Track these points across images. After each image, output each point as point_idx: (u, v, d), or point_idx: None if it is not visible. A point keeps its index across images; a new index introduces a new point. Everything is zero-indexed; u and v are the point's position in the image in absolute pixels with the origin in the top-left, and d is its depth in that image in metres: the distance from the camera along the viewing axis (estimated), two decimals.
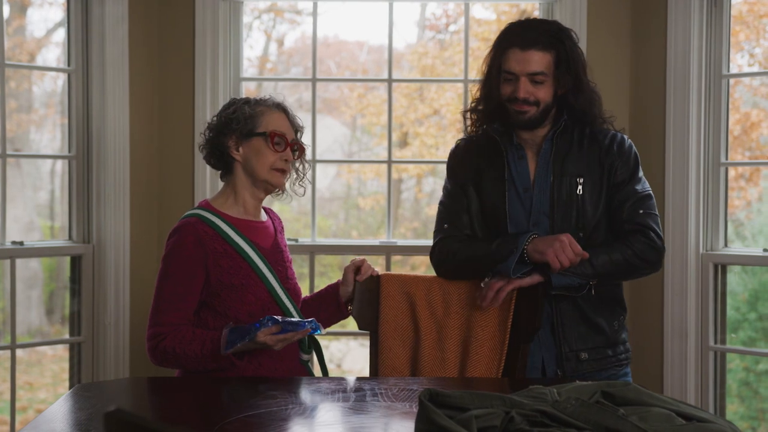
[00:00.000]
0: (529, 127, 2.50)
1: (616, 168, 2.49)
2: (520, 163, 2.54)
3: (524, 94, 2.44)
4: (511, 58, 2.45)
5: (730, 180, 6.79)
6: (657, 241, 2.46)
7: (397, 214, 8.89)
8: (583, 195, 2.48)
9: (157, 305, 2.37)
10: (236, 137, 2.45)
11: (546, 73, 2.44)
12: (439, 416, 1.43)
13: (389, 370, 2.53)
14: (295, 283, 2.56)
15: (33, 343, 4.43)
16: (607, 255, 2.41)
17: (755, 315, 6.22)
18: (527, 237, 2.39)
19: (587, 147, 2.51)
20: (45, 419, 1.84)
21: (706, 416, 1.58)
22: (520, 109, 2.46)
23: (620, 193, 2.48)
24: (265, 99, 2.52)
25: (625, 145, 2.53)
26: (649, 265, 2.47)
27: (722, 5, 3.32)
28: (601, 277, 2.42)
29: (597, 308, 2.50)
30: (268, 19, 8.73)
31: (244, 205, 2.50)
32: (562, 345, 2.48)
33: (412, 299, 2.56)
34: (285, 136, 2.46)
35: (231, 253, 2.40)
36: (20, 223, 7.38)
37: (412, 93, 8.31)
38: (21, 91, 7.58)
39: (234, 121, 2.45)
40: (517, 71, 2.44)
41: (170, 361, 2.35)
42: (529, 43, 2.43)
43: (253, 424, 1.81)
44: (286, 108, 2.52)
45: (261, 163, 2.44)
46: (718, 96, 3.34)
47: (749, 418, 6.24)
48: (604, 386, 1.63)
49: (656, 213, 2.50)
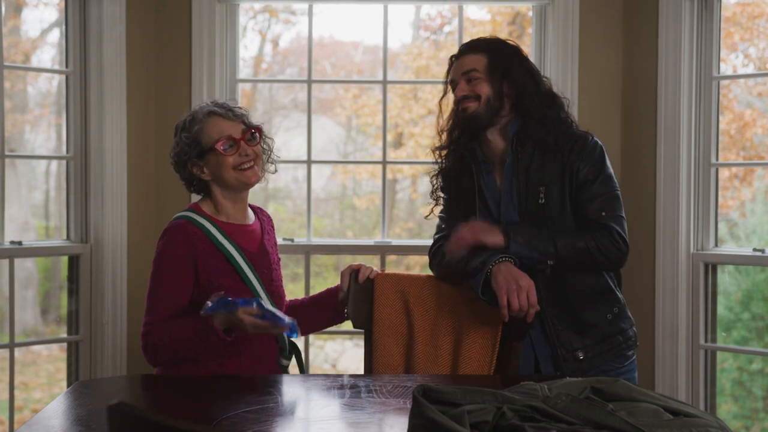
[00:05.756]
0: (478, 125, 2.55)
1: (578, 168, 2.49)
2: (488, 178, 2.59)
3: (461, 92, 2.57)
4: (451, 69, 2.64)
5: (724, 180, 6.85)
6: (620, 242, 2.46)
7: (392, 215, 8.91)
8: (545, 204, 2.49)
9: (150, 305, 2.41)
10: (193, 163, 2.50)
11: (478, 70, 2.55)
12: (433, 411, 1.46)
13: (383, 368, 2.56)
14: (279, 285, 2.58)
15: (31, 341, 4.45)
16: (571, 239, 2.43)
17: (748, 315, 6.26)
18: (496, 258, 2.40)
19: (551, 154, 2.51)
20: (45, 416, 1.86)
21: (694, 412, 1.61)
22: (463, 106, 2.57)
23: (584, 193, 2.49)
24: (197, 112, 2.52)
25: (588, 145, 2.52)
26: (609, 263, 2.47)
27: (713, 8, 3.36)
28: (560, 260, 2.41)
29: (584, 305, 2.52)
30: (263, 20, 8.75)
31: (229, 213, 2.53)
32: (558, 348, 2.50)
33: (406, 298, 2.59)
34: (231, 136, 2.48)
35: (218, 255, 2.44)
36: (16, 223, 7.39)
37: (407, 93, 8.34)
38: (16, 91, 7.59)
39: (182, 153, 2.50)
40: (455, 76, 2.61)
41: (161, 354, 2.37)
42: (462, 52, 2.62)
43: (251, 419, 1.84)
44: (218, 107, 2.51)
45: (224, 170, 2.47)
46: (708, 97, 3.38)
47: (742, 417, 6.27)
48: (594, 382, 1.66)
49: (622, 215, 2.50)
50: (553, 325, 2.51)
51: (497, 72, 2.54)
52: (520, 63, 2.59)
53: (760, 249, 3.30)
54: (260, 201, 2.62)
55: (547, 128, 2.53)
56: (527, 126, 2.53)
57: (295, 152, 8.11)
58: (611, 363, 2.54)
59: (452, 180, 2.65)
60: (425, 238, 2.72)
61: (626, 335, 2.58)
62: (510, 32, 8.11)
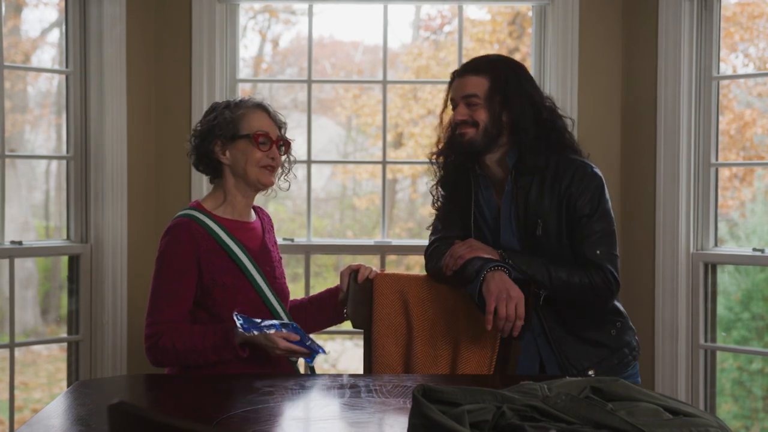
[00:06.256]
0: (473, 151, 2.51)
1: (576, 200, 2.46)
2: (486, 193, 2.58)
3: (459, 116, 2.52)
4: (452, 87, 2.59)
5: (725, 180, 6.86)
6: (612, 282, 2.45)
7: (392, 214, 8.92)
8: (543, 235, 2.48)
9: (154, 304, 2.40)
10: (221, 142, 2.49)
11: (478, 95, 2.50)
12: (433, 411, 1.47)
13: (383, 368, 2.57)
14: (282, 282, 2.59)
15: (31, 341, 4.45)
16: (566, 273, 2.43)
17: (749, 315, 6.27)
18: (492, 265, 2.40)
19: (549, 184, 2.48)
20: (46, 415, 1.86)
21: (694, 411, 1.61)
22: (460, 131, 2.52)
23: (581, 228, 2.46)
24: (245, 100, 2.55)
25: (586, 176, 2.47)
26: (600, 301, 2.47)
27: (713, 8, 3.36)
28: (552, 290, 2.42)
29: (586, 327, 2.52)
30: (263, 20, 8.75)
31: (234, 207, 2.54)
32: (568, 368, 2.50)
33: (405, 298, 2.60)
34: (269, 134, 2.51)
35: (221, 253, 2.44)
36: (16, 223, 7.39)
37: (407, 93, 8.35)
38: (16, 91, 7.59)
39: (217, 127, 2.50)
40: (455, 96, 2.56)
41: (168, 359, 2.37)
42: (465, 70, 2.56)
43: (251, 419, 1.84)
44: (266, 107, 2.56)
45: (249, 163, 2.48)
46: (708, 98, 3.38)
47: (742, 417, 6.28)
48: (593, 382, 1.67)
49: (616, 253, 2.48)
50: (560, 347, 2.51)
51: (496, 98, 2.49)
52: (521, 88, 2.52)
53: (759, 249, 3.30)
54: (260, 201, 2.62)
55: (546, 156, 2.49)
56: (524, 158, 2.49)
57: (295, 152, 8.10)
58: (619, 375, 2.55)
59: (451, 184, 2.63)
60: (425, 238, 2.72)
61: (631, 346, 2.59)
62: (510, 32, 8.11)
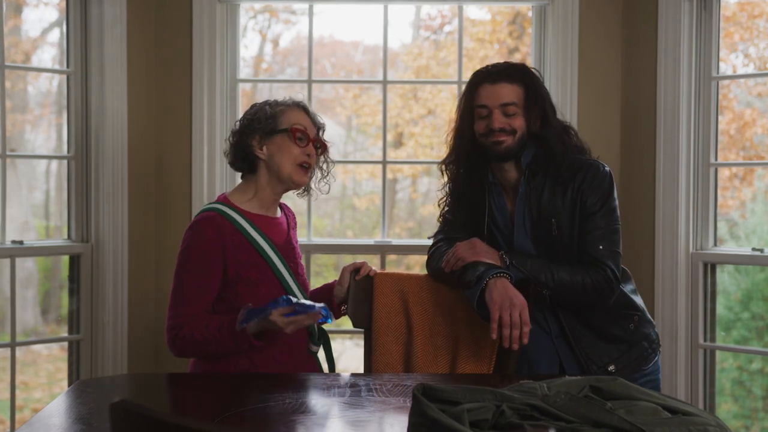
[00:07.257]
0: (507, 158, 2.52)
1: (586, 198, 2.47)
2: (498, 200, 2.58)
3: (499, 124, 2.49)
4: (482, 94, 2.52)
5: (725, 180, 6.86)
6: (613, 280, 2.46)
7: (392, 214, 8.92)
8: (558, 235, 2.49)
9: (177, 298, 2.40)
10: (259, 136, 2.51)
11: (517, 104, 2.49)
12: (433, 410, 1.47)
13: (383, 367, 2.57)
14: (305, 279, 2.62)
15: (32, 341, 4.46)
16: (568, 274, 2.43)
17: (748, 314, 6.27)
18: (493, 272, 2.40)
19: (561, 184, 2.50)
20: (47, 414, 1.87)
21: (692, 410, 1.62)
22: (497, 139, 2.49)
23: (586, 222, 2.48)
24: (285, 99, 2.59)
25: (598, 175, 2.50)
26: (601, 299, 2.48)
27: (712, 8, 3.36)
28: (554, 290, 2.43)
29: (604, 322, 2.53)
30: (263, 20, 8.76)
31: (263, 202, 2.55)
32: (588, 364, 2.51)
33: (405, 297, 2.60)
34: (306, 131, 2.53)
35: (248, 248, 2.45)
36: (16, 223, 7.40)
37: (407, 93, 8.35)
38: (16, 91, 7.60)
39: (256, 121, 2.52)
40: (489, 104, 2.50)
41: (190, 349, 2.38)
42: (498, 77, 2.51)
43: (251, 418, 1.84)
44: (306, 106, 2.59)
45: (285, 158, 2.50)
46: (707, 98, 3.38)
47: (742, 417, 6.28)
48: (592, 381, 1.67)
49: (618, 250, 2.49)
50: (580, 341, 2.52)
51: (531, 106, 2.50)
52: (548, 94, 2.56)
53: (759, 249, 3.31)
54: None
55: (561, 157, 2.51)
56: (540, 156, 2.51)
57: None
58: (642, 369, 2.56)
59: (462, 193, 2.63)
60: (425, 238, 2.73)
61: (650, 339, 2.59)
62: (510, 32, 8.12)
